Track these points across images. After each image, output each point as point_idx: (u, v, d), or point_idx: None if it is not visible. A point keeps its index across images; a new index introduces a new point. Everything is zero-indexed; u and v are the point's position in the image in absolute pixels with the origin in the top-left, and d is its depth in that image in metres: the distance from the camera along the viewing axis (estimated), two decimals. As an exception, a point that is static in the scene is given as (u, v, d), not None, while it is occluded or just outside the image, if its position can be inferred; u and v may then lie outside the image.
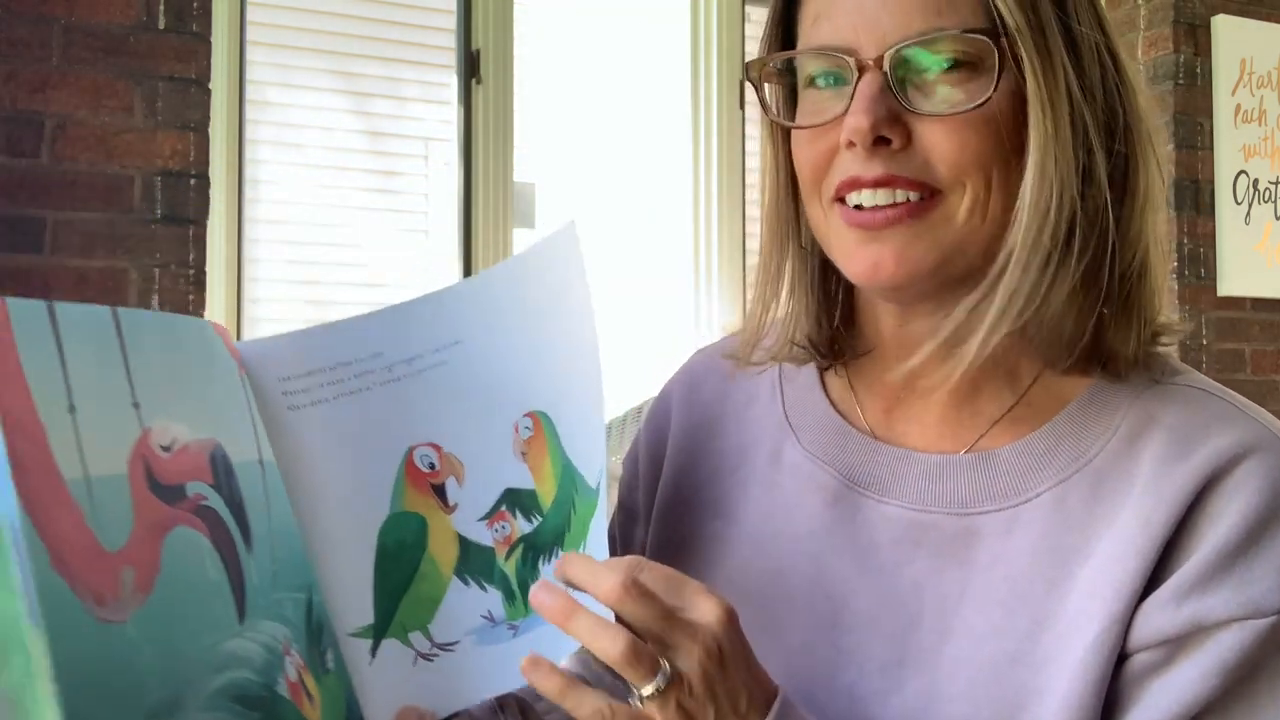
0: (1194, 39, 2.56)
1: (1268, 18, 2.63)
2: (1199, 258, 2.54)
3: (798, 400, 0.74)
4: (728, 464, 0.74)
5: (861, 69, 0.60)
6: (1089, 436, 0.63)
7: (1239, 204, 2.58)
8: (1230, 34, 2.58)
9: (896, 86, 0.60)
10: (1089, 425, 0.63)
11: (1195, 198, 2.55)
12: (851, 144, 0.60)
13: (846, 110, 0.61)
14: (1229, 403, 0.62)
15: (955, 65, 0.60)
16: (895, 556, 0.65)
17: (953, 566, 0.63)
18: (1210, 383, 0.64)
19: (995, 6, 0.59)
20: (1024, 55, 0.59)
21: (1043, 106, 0.59)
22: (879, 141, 0.60)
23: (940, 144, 0.60)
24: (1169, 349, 0.67)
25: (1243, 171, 2.59)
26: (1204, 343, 2.53)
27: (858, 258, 0.62)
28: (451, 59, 2.65)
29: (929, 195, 0.61)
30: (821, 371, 0.74)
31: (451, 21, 2.65)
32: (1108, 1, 2.68)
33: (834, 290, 0.71)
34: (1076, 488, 0.62)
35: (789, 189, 0.69)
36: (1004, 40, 0.59)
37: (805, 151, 0.65)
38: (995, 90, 0.59)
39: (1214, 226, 2.56)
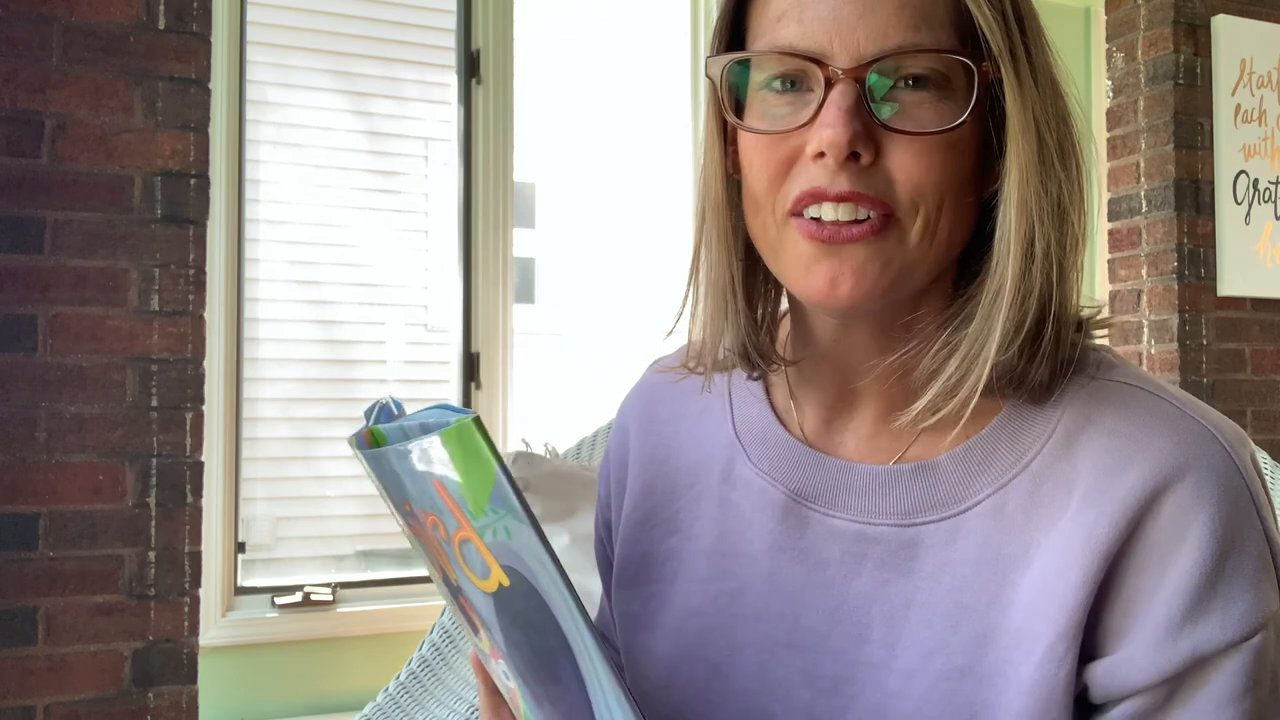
0: (1194, 39, 2.56)
1: (1268, 18, 2.63)
2: (1199, 258, 2.54)
3: (745, 413, 0.73)
4: (683, 481, 0.74)
5: (833, 79, 0.58)
6: (1025, 440, 0.62)
7: (1239, 204, 2.58)
8: (1230, 34, 2.58)
9: (870, 101, 0.58)
10: (1024, 429, 0.62)
11: (1195, 198, 2.55)
12: (821, 155, 0.58)
13: (813, 119, 0.59)
14: (1167, 401, 0.61)
15: (928, 83, 0.58)
16: (843, 570, 0.65)
17: (898, 578, 0.63)
18: (1147, 378, 0.63)
19: (980, 30, 0.58)
20: (1006, 81, 0.58)
21: (1024, 133, 0.58)
22: (849, 157, 0.58)
23: (908, 164, 0.58)
24: (1102, 339, 0.67)
25: (1243, 171, 2.59)
26: (1204, 343, 2.53)
27: (814, 274, 0.60)
28: (451, 59, 2.65)
29: (886, 215, 0.59)
30: (766, 380, 0.73)
31: (451, 21, 2.65)
32: (1108, 2, 2.68)
33: (763, 298, 0.70)
34: (1015, 493, 0.61)
35: (731, 194, 0.67)
36: (985, 64, 0.58)
37: (760, 158, 0.62)
38: (970, 113, 0.58)
39: (1214, 226, 2.56)
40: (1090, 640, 0.58)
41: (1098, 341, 0.66)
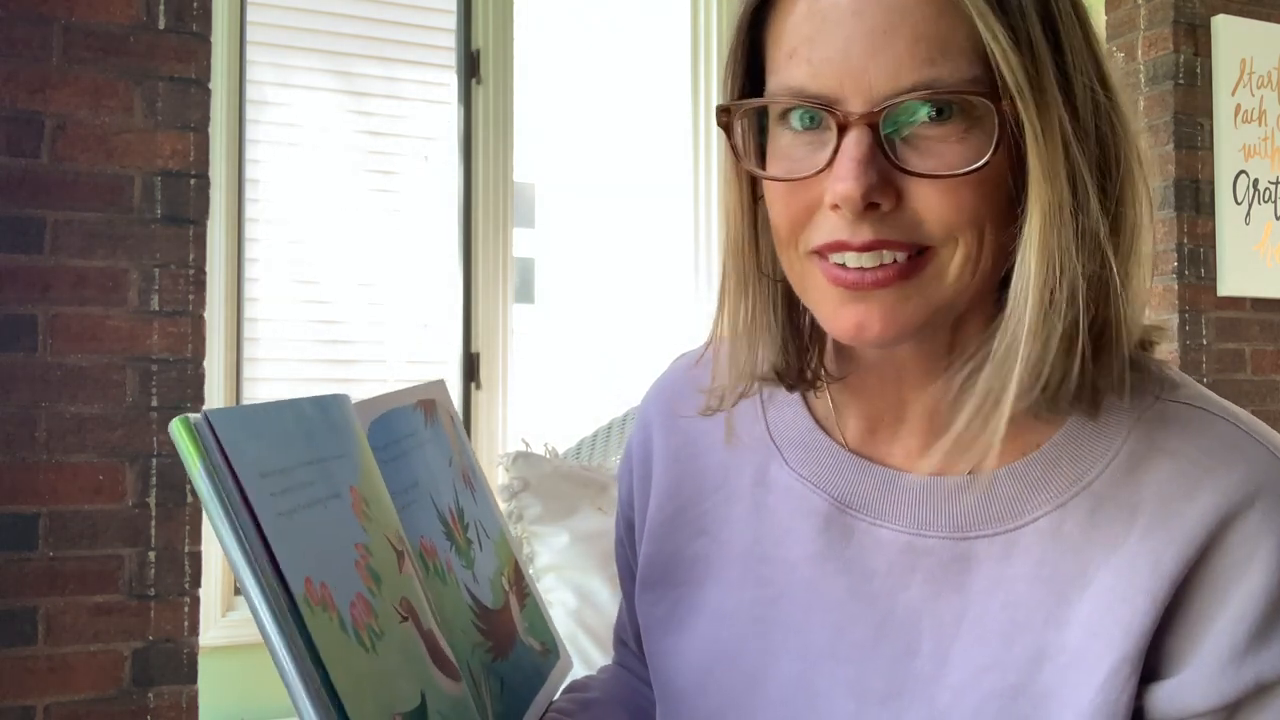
0: (1194, 39, 2.56)
1: (1268, 18, 2.63)
2: (1199, 258, 2.54)
3: (781, 417, 0.71)
4: (711, 482, 0.72)
5: (846, 124, 0.55)
6: (1087, 459, 0.60)
7: (1239, 204, 2.58)
8: (1230, 34, 2.58)
9: (887, 144, 0.55)
10: (1087, 448, 0.60)
11: (1195, 198, 2.54)
12: (837, 207, 0.55)
13: (829, 164, 0.55)
14: (1233, 424, 0.59)
15: (952, 112, 0.55)
16: (891, 582, 0.63)
17: (949, 592, 0.61)
18: (1212, 399, 0.62)
19: (996, 66, 0.53)
20: (1025, 120, 0.54)
21: (1044, 175, 0.54)
22: (869, 206, 0.55)
23: (934, 204, 0.55)
24: (1163, 350, 0.66)
25: (1243, 171, 2.59)
26: (1204, 343, 2.53)
27: (842, 317, 0.58)
28: (451, 59, 2.65)
29: (918, 253, 0.57)
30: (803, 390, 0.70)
31: (451, 21, 2.65)
32: (1108, 2, 2.68)
33: (801, 320, 0.67)
34: (1074, 513, 0.59)
35: (753, 227, 0.64)
36: (1004, 102, 0.54)
37: (781, 204, 0.59)
38: (994, 152, 0.54)
39: (1214, 226, 2.56)
40: (1150, 661, 0.58)
41: (1157, 357, 0.64)
